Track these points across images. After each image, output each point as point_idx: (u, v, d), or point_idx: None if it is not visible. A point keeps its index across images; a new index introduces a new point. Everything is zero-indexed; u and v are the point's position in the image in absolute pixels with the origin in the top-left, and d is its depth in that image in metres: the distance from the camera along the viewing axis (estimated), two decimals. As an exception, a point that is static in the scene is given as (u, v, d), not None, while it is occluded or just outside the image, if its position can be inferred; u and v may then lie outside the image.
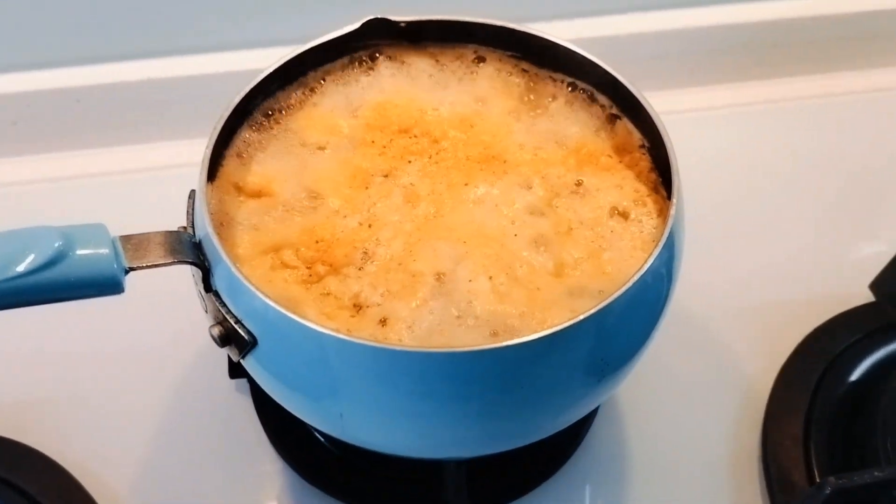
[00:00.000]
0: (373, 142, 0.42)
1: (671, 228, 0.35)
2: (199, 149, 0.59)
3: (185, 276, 0.38)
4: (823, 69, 0.66)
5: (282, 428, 0.47)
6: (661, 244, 0.34)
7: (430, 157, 0.42)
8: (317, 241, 0.38)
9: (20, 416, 0.47)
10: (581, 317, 0.32)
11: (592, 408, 0.42)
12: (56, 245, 0.30)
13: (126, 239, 0.33)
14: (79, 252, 0.31)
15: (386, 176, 0.41)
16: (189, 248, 0.35)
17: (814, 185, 0.60)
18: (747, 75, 0.65)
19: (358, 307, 0.36)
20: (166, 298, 0.48)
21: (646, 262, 0.34)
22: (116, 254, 0.32)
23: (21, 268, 0.29)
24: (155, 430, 0.48)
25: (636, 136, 0.42)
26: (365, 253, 0.38)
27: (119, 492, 0.46)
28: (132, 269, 0.32)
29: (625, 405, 0.50)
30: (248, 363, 0.36)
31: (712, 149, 0.61)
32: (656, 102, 0.41)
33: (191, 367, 0.50)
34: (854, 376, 0.49)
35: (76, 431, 0.47)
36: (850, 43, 0.65)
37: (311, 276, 0.38)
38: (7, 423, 0.47)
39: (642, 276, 0.33)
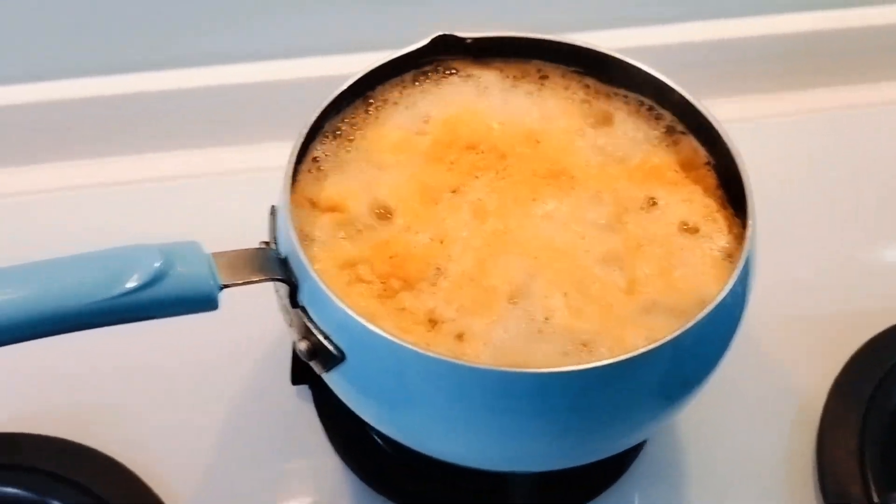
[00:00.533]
0: (440, 157, 0.43)
1: (749, 250, 0.36)
2: (234, 156, 0.59)
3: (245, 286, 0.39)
4: (875, 78, 0.66)
5: (345, 434, 0.48)
6: (740, 265, 0.35)
7: (496, 173, 0.42)
8: (390, 257, 0.39)
9: (89, 422, 0.48)
10: (665, 339, 0.33)
11: (662, 426, 0.43)
12: (156, 264, 0.31)
13: (218, 256, 0.34)
14: (178, 270, 0.31)
15: (454, 191, 0.41)
16: (277, 265, 0.36)
17: (866, 193, 0.60)
18: (797, 84, 0.66)
19: (433, 322, 0.37)
20: (225, 308, 0.48)
21: (727, 283, 0.34)
22: (212, 271, 0.33)
23: (129, 285, 0.30)
24: (219, 435, 0.49)
25: (701, 153, 0.43)
26: (438, 269, 0.39)
27: (185, 495, 0.47)
28: (226, 286, 0.33)
29: (679, 417, 0.50)
30: (332, 377, 0.37)
31: (761, 157, 0.61)
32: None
33: (252, 374, 0.51)
34: (907, 389, 0.50)
35: (143, 436, 0.48)
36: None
37: (385, 290, 0.38)
38: (76, 428, 0.48)
39: (724, 298, 0.34)
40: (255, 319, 0.47)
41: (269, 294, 0.40)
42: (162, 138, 0.61)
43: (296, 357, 0.50)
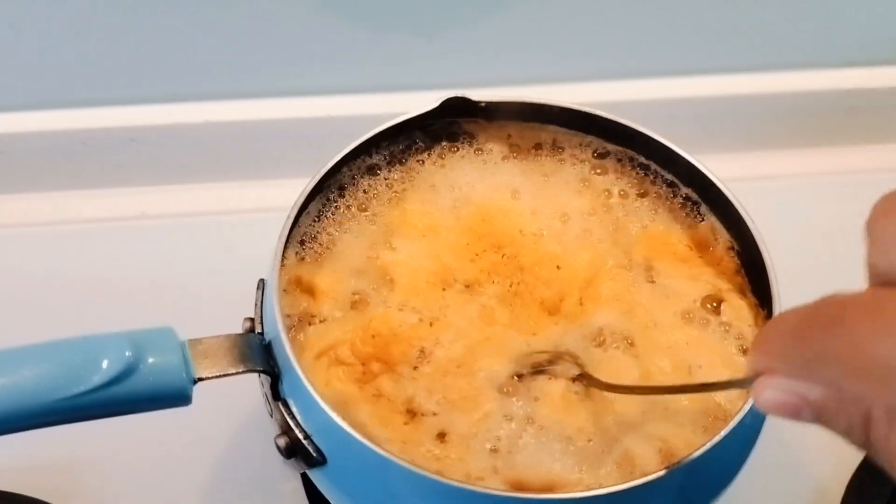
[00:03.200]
0: (467, 244, 0.39)
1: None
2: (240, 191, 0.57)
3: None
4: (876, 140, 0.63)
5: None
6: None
7: (510, 286, 0.39)
8: (373, 336, 0.36)
9: (63, 480, 0.46)
10: (678, 464, 0.30)
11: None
12: (126, 354, 0.28)
13: (195, 343, 0.31)
14: (149, 361, 0.29)
15: (468, 286, 0.38)
16: (259, 354, 0.33)
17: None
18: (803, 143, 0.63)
19: (412, 413, 0.34)
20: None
21: (746, 402, 0.32)
22: (186, 363, 0.30)
23: (94, 380, 0.27)
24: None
25: (724, 237, 0.40)
26: (421, 351, 0.36)
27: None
28: (201, 379, 0.31)
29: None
30: (314, 475, 0.34)
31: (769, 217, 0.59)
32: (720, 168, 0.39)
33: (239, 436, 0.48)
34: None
35: (122, 495, 0.46)
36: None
37: (364, 374, 0.35)
38: (48, 485, 0.45)
39: (743, 417, 0.31)
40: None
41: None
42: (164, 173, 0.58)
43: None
